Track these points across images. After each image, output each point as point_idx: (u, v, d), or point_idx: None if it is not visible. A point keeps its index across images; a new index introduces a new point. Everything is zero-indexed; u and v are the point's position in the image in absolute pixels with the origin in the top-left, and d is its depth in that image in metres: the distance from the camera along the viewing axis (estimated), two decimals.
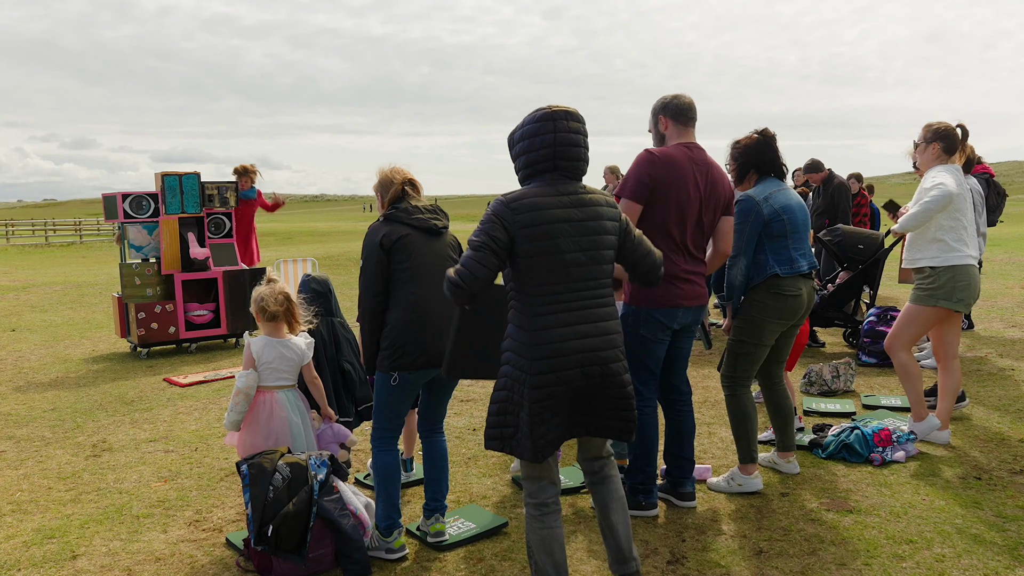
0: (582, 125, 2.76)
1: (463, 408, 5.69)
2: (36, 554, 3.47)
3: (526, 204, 2.65)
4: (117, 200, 7.90)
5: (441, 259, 3.35)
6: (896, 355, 4.51)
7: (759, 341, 3.88)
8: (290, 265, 11.17)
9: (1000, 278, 12.03)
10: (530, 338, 2.64)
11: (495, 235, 2.63)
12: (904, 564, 3.17)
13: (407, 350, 3.22)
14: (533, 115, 2.74)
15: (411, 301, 3.25)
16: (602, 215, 2.74)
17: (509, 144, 2.84)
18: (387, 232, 3.27)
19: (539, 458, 2.65)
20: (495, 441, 2.74)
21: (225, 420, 3.45)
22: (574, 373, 2.64)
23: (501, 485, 4.16)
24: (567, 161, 2.72)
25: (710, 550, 3.35)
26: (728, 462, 4.40)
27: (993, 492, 3.86)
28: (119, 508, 3.97)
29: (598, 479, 2.91)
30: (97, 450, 4.93)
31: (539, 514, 2.75)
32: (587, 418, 2.75)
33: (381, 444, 3.37)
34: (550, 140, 2.70)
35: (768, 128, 3.93)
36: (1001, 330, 7.97)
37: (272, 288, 3.50)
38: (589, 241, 2.70)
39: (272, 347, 3.46)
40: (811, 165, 8.79)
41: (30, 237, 36.21)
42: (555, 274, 2.65)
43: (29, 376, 7.16)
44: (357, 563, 3.18)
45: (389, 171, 3.46)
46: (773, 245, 3.82)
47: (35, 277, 16.99)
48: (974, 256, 4.35)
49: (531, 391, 2.61)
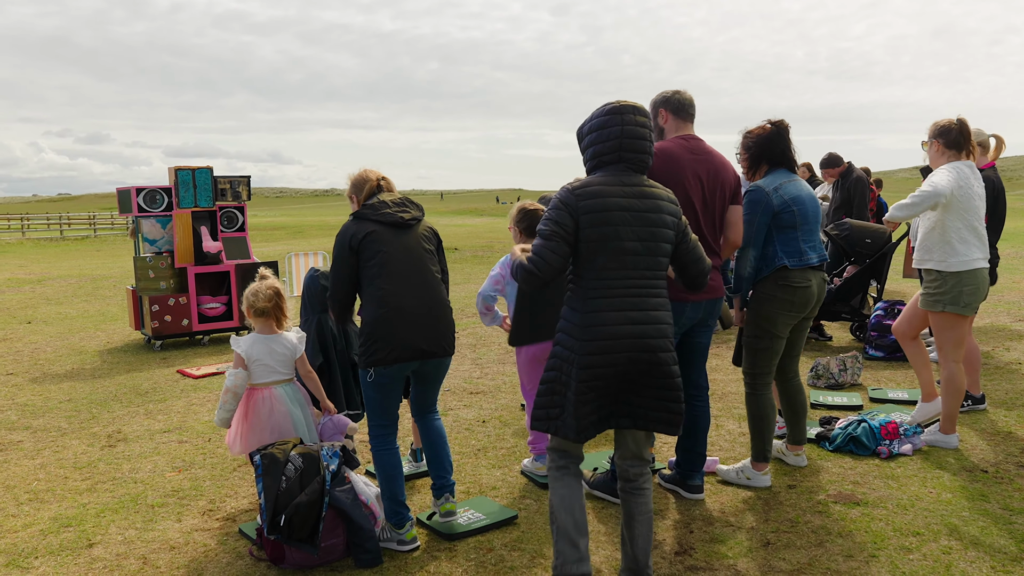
0: (648, 119, 2.84)
1: (472, 400, 5.70)
2: (53, 542, 3.50)
3: (590, 191, 2.72)
4: (131, 194, 7.93)
5: (411, 252, 3.30)
6: (945, 366, 4.38)
7: (773, 334, 3.84)
8: (301, 259, 11.19)
9: (1008, 272, 11.95)
10: (582, 320, 2.69)
11: (562, 222, 2.70)
12: (911, 556, 3.16)
13: (379, 346, 3.20)
14: (602, 109, 2.83)
15: (380, 297, 3.22)
16: (663, 209, 2.79)
17: (578, 137, 2.93)
18: (355, 231, 3.25)
19: (581, 438, 2.70)
20: (541, 422, 2.79)
21: (216, 417, 3.44)
22: (621, 357, 2.66)
23: (511, 477, 4.16)
24: (632, 153, 2.79)
25: (718, 541, 3.35)
26: (735, 454, 4.39)
27: (1000, 485, 3.84)
28: (134, 497, 4.00)
29: (631, 488, 2.90)
30: (112, 440, 4.96)
31: (561, 474, 2.81)
32: (632, 408, 2.76)
33: (377, 442, 3.36)
34: (617, 132, 2.77)
35: (784, 120, 3.86)
36: (1008, 324, 7.92)
37: (262, 284, 3.50)
38: (648, 232, 2.74)
39: (261, 344, 3.45)
40: (827, 160, 8.55)
41: (45, 231, 36.42)
42: (612, 260, 2.70)
43: (45, 367, 7.21)
44: (369, 552, 3.19)
45: (361, 172, 3.49)
46: (782, 236, 3.78)
47: (50, 270, 17.09)
48: (982, 258, 4.29)
49: (579, 371, 2.65)
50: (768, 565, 3.13)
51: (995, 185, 5.11)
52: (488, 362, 6.98)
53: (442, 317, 3.33)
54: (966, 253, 4.22)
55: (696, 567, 3.13)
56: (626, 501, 2.90)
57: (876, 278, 7.27)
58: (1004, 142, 5.01)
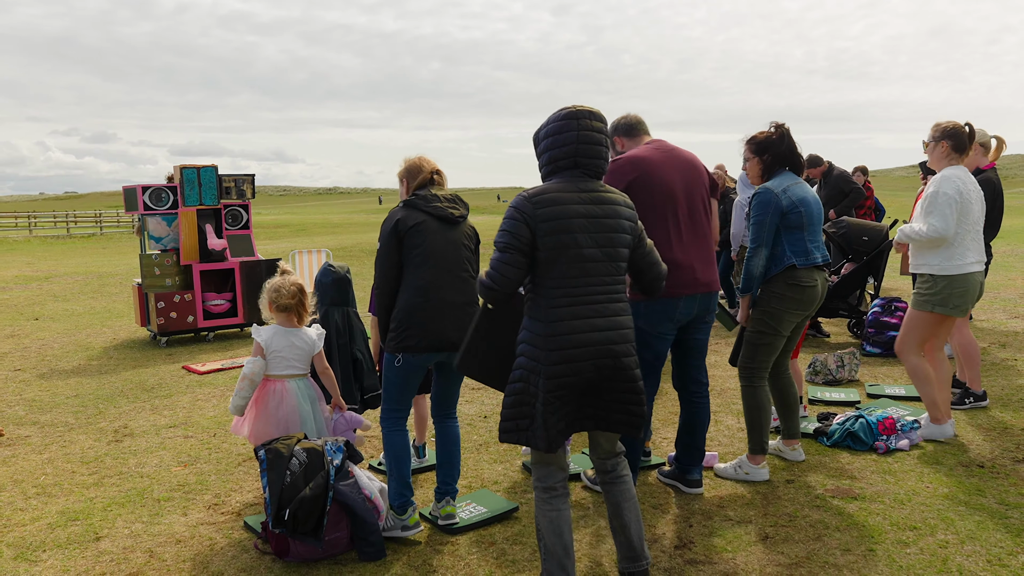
0: (604, 125, 2.80)
1: (474, 396, 5.70)
2: (60, 536, 3.50)
3: (546, 199, 2.67)
4: (137, 192, 7.93)
5: (455, 248, 3.36)
6: (906, 359, 4.41)
7: (778, 331, 3.87)
8: (305, 256, 11.19)
9: (1003, 270, 11.94)
10: (545, 330, 2.64)
11: (519, 233, 2.64)
12: (908, 550, 3.16)
13: (411, 333, 3.24)
14: (557, 114, 2.77)
15: (419, 286, 3.27)
16: (620, 214, 2.76)
17: (534, 142, 2.87)
18: (402, 217, 3.30)
19: (552, 448, 2.65)
20: (511, 433, 2.72)
21: (231, 404, 3.46)
22: (587, 365, 2.64)
23: (512, 471, 4.16)
24: (588, 159, 2.74)
25: (717, 535, 3.35)
26: (734, 450, 4.39)
27: (996, 480, 3.84)
28: (140, 492, 4.00)
29: (611, 478, 2.89)
30: (119, 435, 4.96)
31: (548, 497, 2.76)
32: (596, 411, 2.74)
33: (389, 424, 3.41)
34: (573, 138, 2.72)
35: (784, 124, 3.89)
36: (1004, 321, 7.92)
37: (285, 280, 3.51)
38: (606, 238, 2.71)
39: (282, 336, 3.46)
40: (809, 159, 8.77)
41: (52, 229, 36.43)
42: (572, 268, 2.66)
43: (52, 363, 7.21)
44: (372, 545, 3.20)
45: (417, 159, 3.50)
46: (790, 237, 3.80)
47: (57, 268, 17.10)
48: (978, 261, 4.28)
49: (545, 381, 2.61)
50: (767, 559, 3.13)
51: (995, 186, 5.11)
52: None
53: (472, 313, 3.38)
54: (962, 257, 4.23)
55: (696, 561, 3.13)
56: (609, 492, 2.90)
57: (873, 275, 7.27)
58: (1005, 143, 5.00)
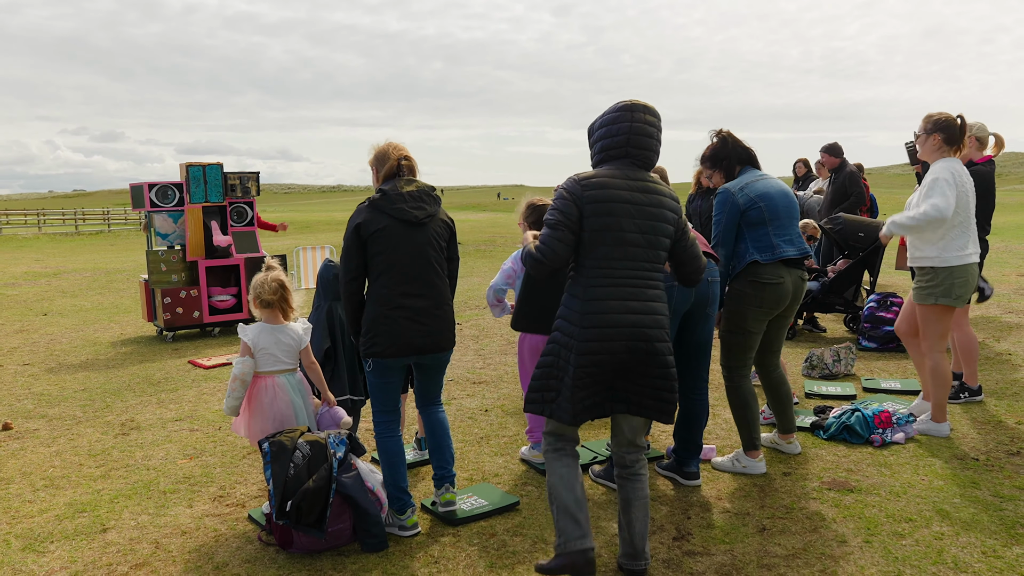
0: (658, 120, 2.86)
1: (475, 390, 5.69)
2: (68, 527, 3.50)
3: (595, 182, 2.73)
4: (144, 190, 7.92)
5: (421, 251, 3.23)
6: (931, 357, 4.33)
7: (743, 329, 3.80)
8: (308, 253, 11.19)
9: (997, 266, 11.92)
10: (582, 307, 2.70)
11: (567, 211, 2.71)
12: (903, 542, 3.15)
13: (378, 340, 3.20)
14: (614, 106, 2.85)
15: (383, 295, 3.20)
16: (664, 204, 2.81)
17: (589, 132, 2.95)
18: (364, 222, 3.18)
19: (575, 422, 2.71)
20: (535, 404, 2.79)
21: (224, 406, 3.42)
22: (620, 345, 2.67)
23: (513, 464, 4.15)
24: (639, 150, 2.80)
25: (714, 527, 3.34)
26: (731, 443, 4.38)
27: (990, 473, 3.82)
28: (147, 484, 3.99)
29: (628, 474, 2.90)
30: (126, 428, 4.96)
31: (558, 455, 2.81)
32: (628, 394, 2.76)
33: (380, 428, 3.36)
34: (626, 128, 2.79)
35: (721, 128, 3.95)
36: (998, 316, 7.90)
37: (267, 276, 3.46)
38: (649, 225, 2.75)
39: (267, 333, 3.43)
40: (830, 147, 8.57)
41: (61, 226, 36.44)
42: (614, 250, 2.71)
43: (60, 358, 7.21)
44: (375, 537, 3.19)
45: (385, 145, 3.36)
46: (752, 233, 3.74)
47: (66, 264, 17.10)
48: (974, 252, 4.25)
49: (577, 357, 2.66)
50: (764, 550, 3.12)
51: (986, 179, 5.07)
52: (491, 352, 6.97)
53: (442, 316, 3.31)
54: (961, 248, 4.20)
55: (693, 552, 3.12)
56: (623, 487, 2.90)
57: (869, 271, 7.25)
58: (1003, 141, 4.94)
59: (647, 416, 2.78)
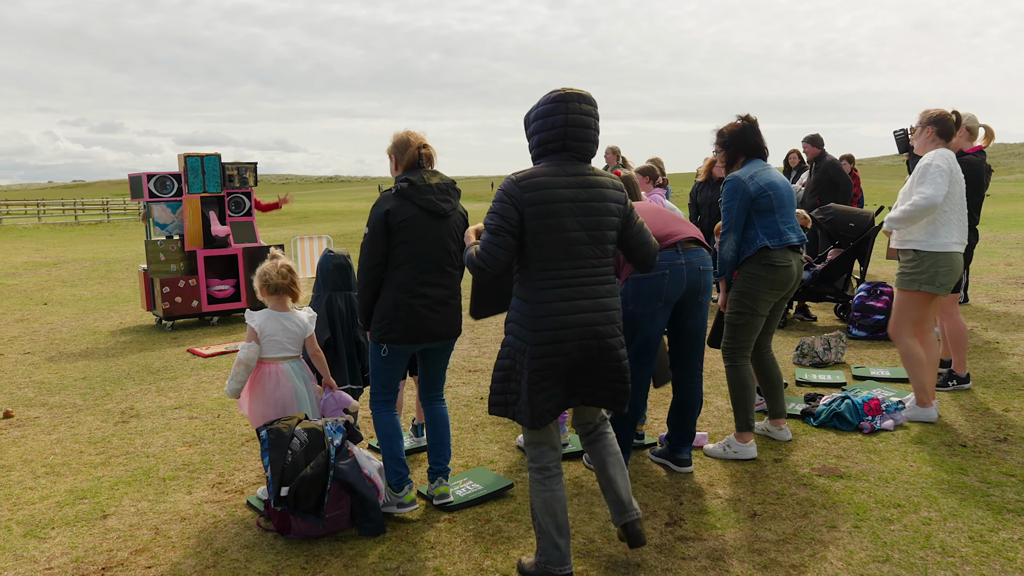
0: (594, 108, 2.73)
1: (471, 378, 5.69)
2: (69, 513, 3.49)
3: (534, 183, 2.63)
4: (143, 180, 7.88)
5: (442, 242, 3.28)
6: (900, 341, 4.37)
7: (754, 311, 3.88)
8: (306, 242, 11.14)
9: (986, 256, 11.94)
10: (532, 311, 2.63)
11: (507, 215, 2.62)
12: (892, 527, 3.16)
13: (395, 327, 3.20)
14: (547, 96, 2.70)
15: (404, 283, 3.21)
16: (607, 197, 2.72)
17: (525, 124, 2.81)
18: (393, 209, 3.19)
19: (537, 424, 2.66)
20: (498, 407, 2.76)
21: (226, 388, 3.42)
22: (572, 346, 2.64)
23: (507, 451, 4.16)
24: (576, 142, 2.69)
25: (706, 513, 3.35)
26: (723, 430, 4.39)
27: (978, 459, 3.84)
28: (146, 471, 3.99)
29: (593, 438, 2.93)
30: (125, 416, 4.95)
31: (541, 478, 2.76)
32: (583, 388, 2.76)
33: (378, 407, 3.40)
34: (561, 121, 2.67)
35: (750, 114, 3.95)
36: (986, 305, 7.92)
37: (275, 263, 3.47)
38: (593, 221, 2.67)
39: (274, 320, 3.42)
40: (813, 137, 9.02)
41: (60, 216, 36.27)
42: (559, 251, 2.63)
43: (61, 347, 7.19)
44: (372, 521, 3.19)
45: (405, 134, 3.34)
46: (762, 220, 3.83)
47: (65, 254, 17.03)
48: (959, 243, 4.26)
49: (531, 361, 2.61)
50: (755, 535, 3.13)
51: (976, 169, 5.07)
52: (486, 342, 6.97)
53: (456, 305, 3.36)
54: (947, 236, 4.21)
55: (686, 537, 3.13)
56: (593, 451, 2.92)
57: (859, 260, 7.26)
58: (993, 132, 5.01)
59: (602, 406, 2.79)
